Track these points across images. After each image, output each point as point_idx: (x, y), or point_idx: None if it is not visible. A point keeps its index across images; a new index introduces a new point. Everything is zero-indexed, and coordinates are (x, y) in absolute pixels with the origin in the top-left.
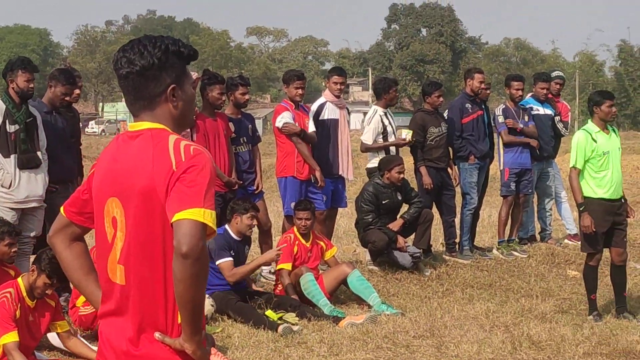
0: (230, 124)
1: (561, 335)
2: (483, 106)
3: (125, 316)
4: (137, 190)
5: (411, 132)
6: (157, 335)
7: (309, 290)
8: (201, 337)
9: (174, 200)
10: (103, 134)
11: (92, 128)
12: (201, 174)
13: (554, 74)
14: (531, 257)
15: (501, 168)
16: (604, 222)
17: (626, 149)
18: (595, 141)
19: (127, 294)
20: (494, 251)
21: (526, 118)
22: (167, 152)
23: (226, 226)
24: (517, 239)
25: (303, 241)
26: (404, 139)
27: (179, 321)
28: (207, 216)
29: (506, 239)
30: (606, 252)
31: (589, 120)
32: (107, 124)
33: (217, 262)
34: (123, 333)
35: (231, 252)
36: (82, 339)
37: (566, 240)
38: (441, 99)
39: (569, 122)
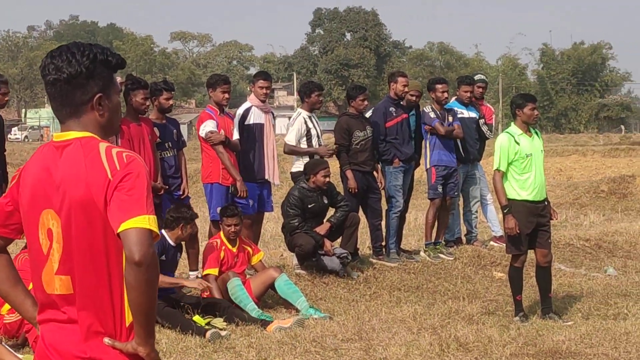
0: (155, 129)
1: (488, 337)
2: (414, 111)
3: (73, 323)
4: (74, 202)
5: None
6: (106, 340)
7: (236, 295)
8: (154, 340)
9: (116, 209)
10: (26, 140)
11: (15, 135)
12: (138, 181)
13: (476, 77)
14: (457, 259)
15: (427, 167)
16: (528, 223)
17: (549, 152)
18: (518, 144)
19: (74, 302)
20: (421, 254)
21: (450, 119)
22: (100, 161)
23: (163, 231)
24: (443, 242)
25: (229, 246)
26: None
27: (127, 325)
28: (151, 222)
29: (433, 241)
30: (531, 254)
31: (512, 123)
32: (30, 130)
33: None
34: (71, 338)
35: (162, 256)
36: (6, 346)
37: (492, 242)
38: (366, 102)
39: (493, 124)
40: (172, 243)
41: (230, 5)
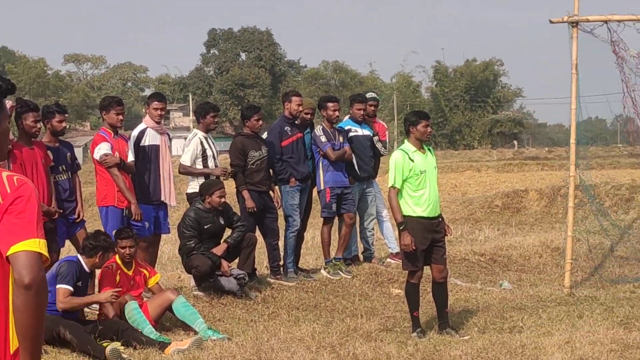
0: (49, 152)
1: (386, 353)
2: (309, 129)
3: None
4: None
5: None
6: None
7: (133, 319)
8: None
9: (6, 233)
10: None
11: None
12: (29, 204)
13: (368, 95)
14: (355, 277)
15: (321, 188)
16: (424, 239)
17: (444, 168)
18: (412, 160)
19: None
20: (322, 271)
21: (341, 139)
22: None
23: (79, 256)
24: (343, 259)
25: (125, 269)
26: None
27: (12, 352)
28: (42, 245)
29: (332, 258)
30: (427, 270)
31: (405, 140)
32: None
33: (57, 285)
34: None
35: (78, 282)
36: None
37: (388, 259)
38: (260, 122)
39: (387, 141)
40: (87, 269)
41: (124, 26)
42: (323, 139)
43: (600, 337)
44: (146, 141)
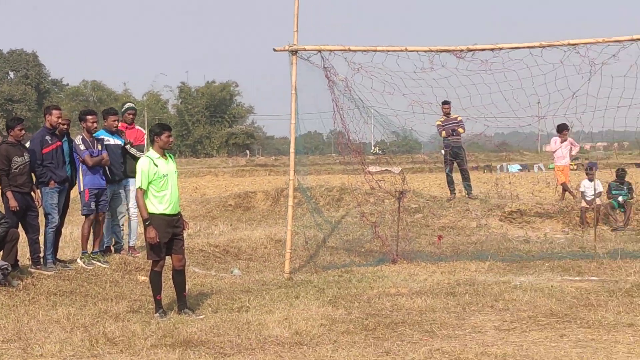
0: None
1: (132, 331)
2: (65, 138)
3: None
4: None
5: None
6: None
7: None
8: None
9: None
10: None
11: None
12: None
13: (126, 105)
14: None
15: (81, 190)
16: (166, 233)
17: (187, 173)
18: (156, 166)
19: None
20: (78, 261)
21: (100, 147)
22: None
23: None
24: (99, 251)
25: None
26: None
27: None
28: None
29: (89, 251)
30: (169, 259)
31: (151, 148)
32: None
33: None
34: None
35: None
36: None
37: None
38: (23, 132)
39: (145, 145)
40: None
41: None
42: (82, 147)
43: (313, 314)
44: None
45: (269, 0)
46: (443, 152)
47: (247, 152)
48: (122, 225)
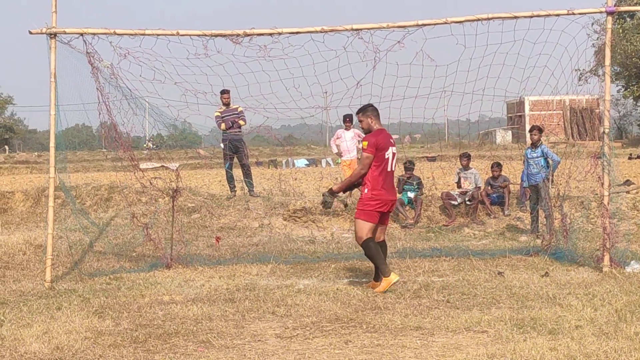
0: None
1: None
2: None
3: None
4: None
5: None
6: None
7: None
8: None
9: None
10: None
11: None
12: None
13: None
14: None
15: None
16: None
17: None
18: None
19: None
20: None
21: None
22: None
23: None
24: None
25: None
26: None
27: None
28: None
29: None
30: None
31: None
32: None
33: None
34: None
35: None
36: None
37: None
38: None
39: None
40: None
41: None
42: None
43: (76, 326)
44: None
45: None
46: (222, 146)
47: (6, 147)
48: None
